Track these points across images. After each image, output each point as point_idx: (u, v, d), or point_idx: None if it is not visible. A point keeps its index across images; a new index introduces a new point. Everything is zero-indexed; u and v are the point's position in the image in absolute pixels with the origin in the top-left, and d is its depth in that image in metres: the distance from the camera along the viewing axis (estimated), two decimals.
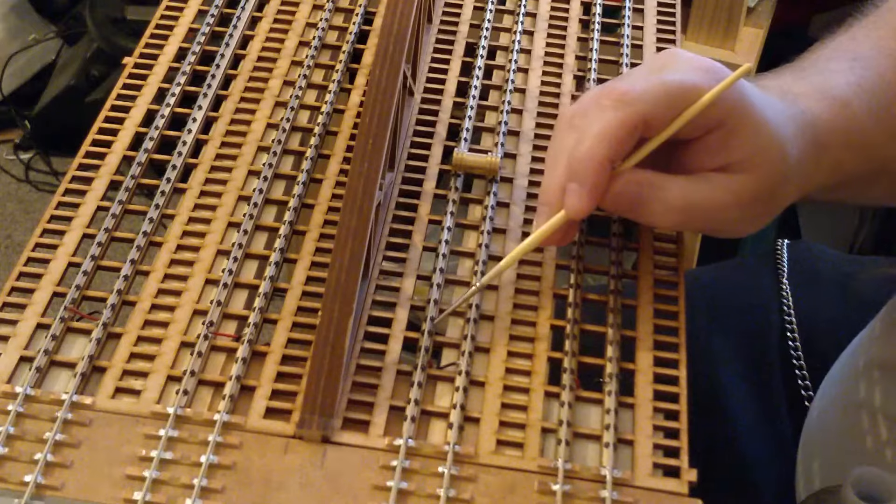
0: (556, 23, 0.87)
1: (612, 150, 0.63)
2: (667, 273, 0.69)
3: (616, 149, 0.63)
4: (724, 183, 0.65)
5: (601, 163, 0.63)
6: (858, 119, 0.70)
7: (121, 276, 0.66)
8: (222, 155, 0.75)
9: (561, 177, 0.65)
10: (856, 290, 0.93)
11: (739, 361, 0.90)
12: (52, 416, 0.59)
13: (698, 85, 0.64)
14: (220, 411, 0.60)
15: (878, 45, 0.73)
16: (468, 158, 0.74)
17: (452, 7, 0.88)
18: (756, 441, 0.87)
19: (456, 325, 0.66)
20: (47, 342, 0.63)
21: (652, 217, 0.66)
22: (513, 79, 0.81)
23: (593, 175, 0.63)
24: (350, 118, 0.78)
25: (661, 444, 0.60)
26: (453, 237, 0.70)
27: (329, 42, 0.84)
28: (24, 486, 0.56)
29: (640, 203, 0.65)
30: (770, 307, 0.93)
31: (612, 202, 0.65)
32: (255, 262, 0.69)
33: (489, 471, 0.58)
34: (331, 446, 0.59)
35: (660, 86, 0.64)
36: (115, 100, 0.78)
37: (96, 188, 0.72)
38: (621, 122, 0.63)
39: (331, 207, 0.72)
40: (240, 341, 0.63)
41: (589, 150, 0.63)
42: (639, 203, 0.65)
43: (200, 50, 0.82)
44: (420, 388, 0.62)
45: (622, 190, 0.65)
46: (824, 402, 0.83)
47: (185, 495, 0.56)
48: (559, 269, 0.69)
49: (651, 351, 0.65)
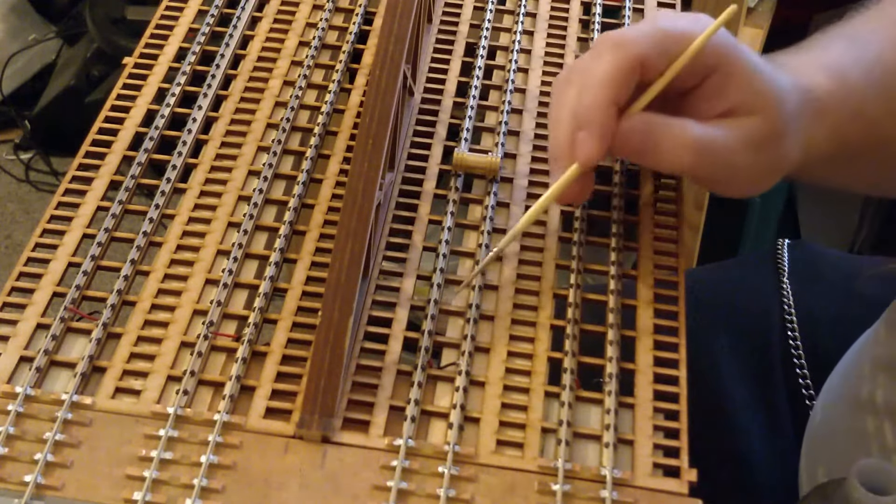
0: (556, 23, 0.87)
1: (614, 92, 0.64)
2: (667, 273, 0.69)
3: (618, 91, 0.64)
4: (730, 125, 0.66)
5: (606, 106, 0.64)
6: (856, 90, 0.70)
7: (121, 276, 0.66)
8: (222, 155, 0.75)
9: (567, 129, 0.65)
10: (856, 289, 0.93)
11: (740, 361, 0.90)
12: (52, 416, 0.59)
13: (688, 29, 0.66)
14: (220, 411, 0.60)
15: (877, 30, 0.74)
16: (468, 158, 0.74)
17: (452, 7, 0.88)
18: (757, 441, 0.87)
19: (456, 325, 0.66)
20: (47, 342, 0.63)
21: (664, 156, 0.65)
22: (513, 79, 0.81)
23: (599, 119, 0.64)
24: (350, 118, 0.78)
25: (661, 444, 0.60)
26: (453, 237, 0.70)
27: (329, 42, 0.84)
28: (24, 486, 0.56)
29: (652, 143, 0.65)
30: (770, 307, 0.93)
31: (622, 143, 0.65)
32: (255, 262, 0.69)
33: (489, 471, 0.58)
34: (331, 446, 0.59)
35: (653, 30, 0.66)
36: (115, 100, 0.79)
37: (96, 188, 0.72)
38: (619, 64, 0.64)
39: (331, 207, 0.72)
40: (240, 341, 0.63)
41: (593, 95, 0.64)
42: (650, 143, 0.65)
43: (200, 50, 0.82)
44: (420, 388, 0.62)
45: (633, 129, 0.65)
46: (827, 404, 0.83)
47: (185, 495, 0.56)
48: (559, 269, 0.69)
49: (651, 351, 0.65)
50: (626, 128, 0.65)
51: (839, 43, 0.73)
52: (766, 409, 0.88)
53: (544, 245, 0.71)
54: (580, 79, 0.65)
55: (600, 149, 0.64)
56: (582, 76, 0.65)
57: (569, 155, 0.65)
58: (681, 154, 0.65)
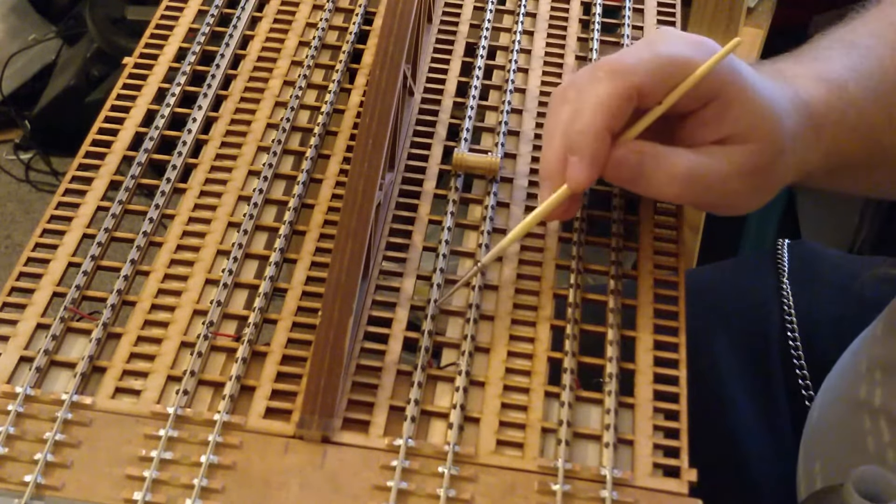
0: (556, 23, 0.87)
1: (608, 120, 0.64)
2: (667, 273, 0.69)
3: (612, 119, 0.64)
4: (723, 154, 0.66)
5: (599, 133, 0.64)
6: (856, 102, 0.70)
7: (121, 276, 0.66)
8: (222, 155, 0.75)
9: (559, 150, 0.65)
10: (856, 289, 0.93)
11: (739, 361, 0.90)
12: (52, 416, 0.59)
13: (690, 57, 0.65)
14: (220, 411, 0.60)
15: (878, 35, 0.74)
16: (468, 158, 0.74)
17: (452, 7, 0.88)
18: (756, 440, 0.87)
19: (456, 325, 0.66)
20: (47, 342, 0.63)
21: (654, 186, 0.66)
22: (513, 79, 0.81)
23: (592, 146, 0.64)
24: (350, 118, 0.78)
25: (661, 444, 0.60)
26: (453, 237, 0.70)
27: (329, 42, 0.84)
28: (24, 486, 0.56)
29: (643, 172, 0.65)
30: (770, 307, 0.93)
31: (613, 171, 0.65)
32: (255, 262, 0.69)
33: (489, 471, 0.58)
34: (331, 446, 0.59)
35: (653, 57, 0.65)
36: (115, 100, 0.78)
37: (96, 188, 0.72)
38: (616, 93, 0.64)
39: (331, 207, 0.72)
40: (240, 341, 0.63)
41: (586, 121, 0.64)
42: (641, 172, 0.65)
43: (200, 50, 0.82)
44: (420, 388, 0.62)
45: (624, 158, 0.65)
46: (825, 403, 0.83)
47: (185, 495, 0.56)
48: (559, 269, 0.69)
49: (651, 351, 0.65)
50: (618, 157, 0.65)
51: (839, 51, 0.73)
52: (765, 408, 0.88)
53: (544, 245, 0.71)
54: (576, 98, 0.65)
55: (590, 176, 0.64)
56: (578, 96, 0.65)
57: (559, 177, 0.65)
58: (671, 184, 0.65)
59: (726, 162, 0.66)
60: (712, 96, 0.66)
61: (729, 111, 0.66)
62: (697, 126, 0.67)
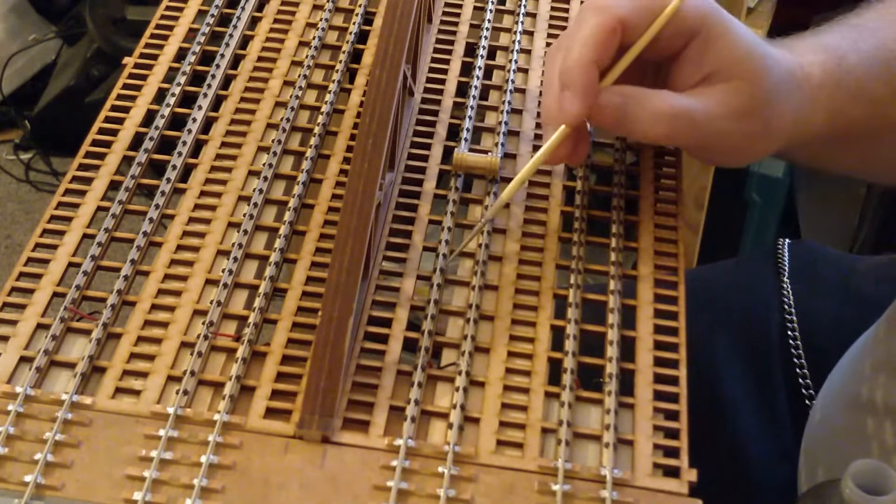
0: (556, 23, 0.87)
1: (595, 52, 0.66)
2: (667, 273, 0.69)
3: (599, 51, 0.66)
4: (709, 93, 0.67)
5: (587, 65, 0.66)
6: (855, 70, 0.71)
7: (121, 276, 0.66)
8: (222, 155, 0.75)
9: (555, 92, 0.67)
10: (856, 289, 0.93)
11: (740, 361, 0.90)
12: (52, 416, 0.59)
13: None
14: (220, 411, 0.60)
15: (881, 18, 0.74)
16: (468, 158, 0.74)
17: (452, 7, 0.88)
18: (757, 440, 0.87)
19: (456, 325, 0.66)
20: (47, 342, 0.63)
21: (640, 128, 0.67)
22: (513, 79, 0.81)
23: (581, 77, 0.66)
24: (350, 118, 0.78)
25: (661, 444, 0.60)
26: (453, 237, 0.70)
27: (329, 42, 0.84)
28: (24, 486, 0.56)
29: (627, 113, 0.66)
30: (770, 307, 0.93)
31: (599, 115, 0.67)
32: (255, 262, 0.69)
33: (489, 471, 0.58)
34: (331, 446, 0.59)
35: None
36: (115, 100, 0.78)
37: (96, 188, 0.72)
38: (601, 25, 0.66)
39: (331, 207, 0.72)
40: (240, 341, 0.63)
41: (574, 56, 0.66)
42: (626, 113, 0.66)
43: (200, 50, 0.82)
44: (420, 388, 0.62)
45: (608, 101, 0.66)
46: (827, 404, 0.83)
47: (185, 495, 0.56)
48: (559, 269, 0.69)
49: (651, 351, 0.65)
50: (603, 100, 0.66)
51: (841, 29, 0.74)
52: (765, 408, 0.88)
53: (544, 245, 0.71)
54: (567, 43, 0.67)
55: (582, 106, 0.66)
56: (569, 38, 0.67)
57: (558, 118, 0.67)
58: (656, 124, 0.66)
59: (712, 101, 0.67)
60: (693, 34, 0.67)
61: (710, 47, 0.67)
62: (682, 67, 0.68)
